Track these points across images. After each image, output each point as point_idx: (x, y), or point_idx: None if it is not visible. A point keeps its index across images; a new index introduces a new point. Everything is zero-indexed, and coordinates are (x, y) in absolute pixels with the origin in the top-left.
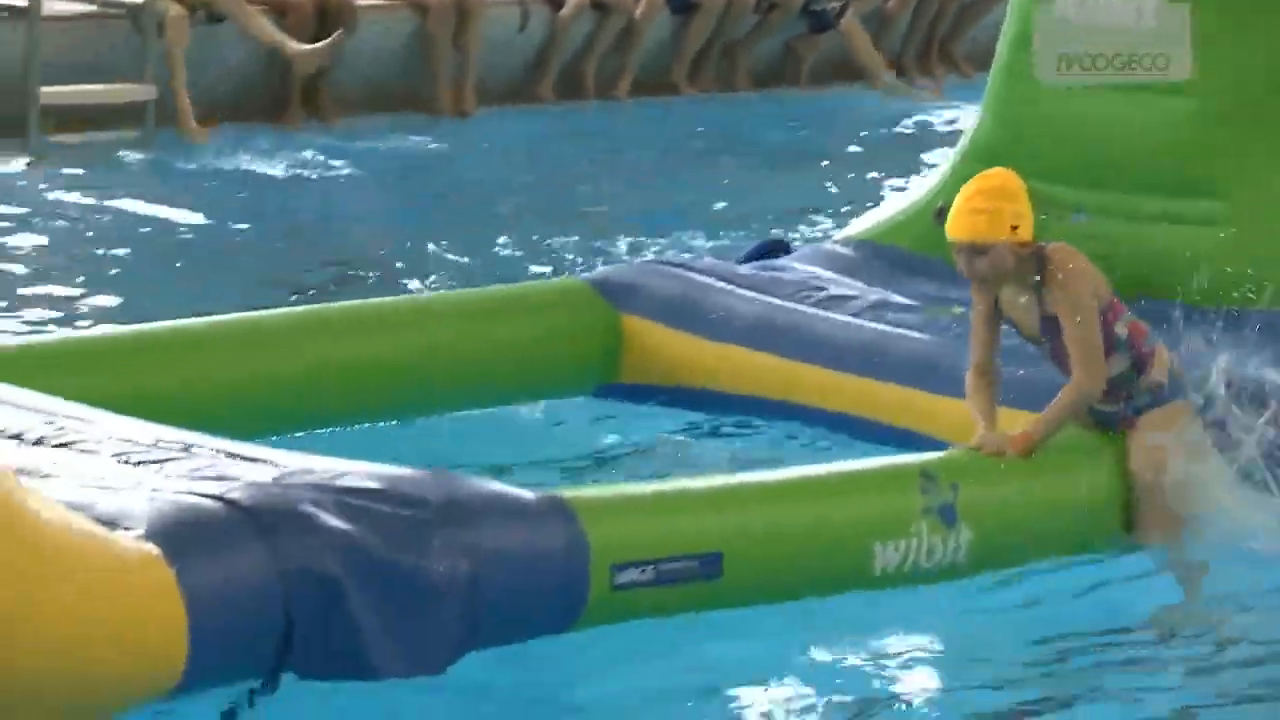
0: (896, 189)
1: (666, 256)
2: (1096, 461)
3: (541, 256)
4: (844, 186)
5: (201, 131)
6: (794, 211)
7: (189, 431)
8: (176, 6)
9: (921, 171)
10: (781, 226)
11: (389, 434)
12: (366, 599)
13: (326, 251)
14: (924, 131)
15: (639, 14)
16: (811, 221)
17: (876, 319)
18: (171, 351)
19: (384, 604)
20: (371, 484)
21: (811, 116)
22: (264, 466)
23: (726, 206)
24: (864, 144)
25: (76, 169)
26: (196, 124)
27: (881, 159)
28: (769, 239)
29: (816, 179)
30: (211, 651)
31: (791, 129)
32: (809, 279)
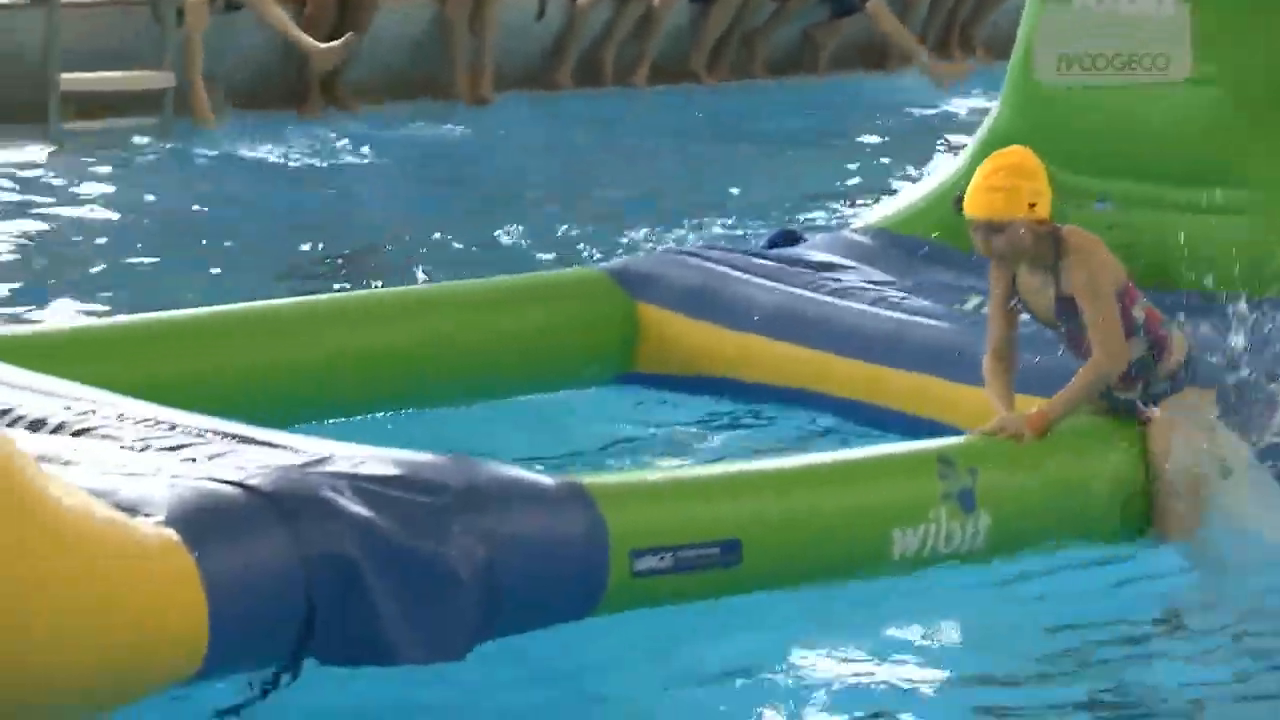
0: (915, 177)
1: (684, 245)
2: (1115, 447)
3: (559, 244)
4: (863, 174)
5: (210, 118)
6: (812, 199)
7: (209, 417)
8: None
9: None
10: (800, 214)
11: (406, 423)
12: (386, 584)
13: (343, 239)
14: (943, 119)
15: (658, 1)
16: (830, 209)
17: (894, 308)
18: (189, 339)
19: (404, 589)
20: (391, 470)
21: (830, 104)
22: (284, 452)
23: (744, 195)
24: (883, 132)
25: (95, 156)
26: (210, 111)
27: (900, 147)
28: (783, 229)
29: (835, 167)
30: (232, 637)
31: (809, 116)
32: (827, 267)
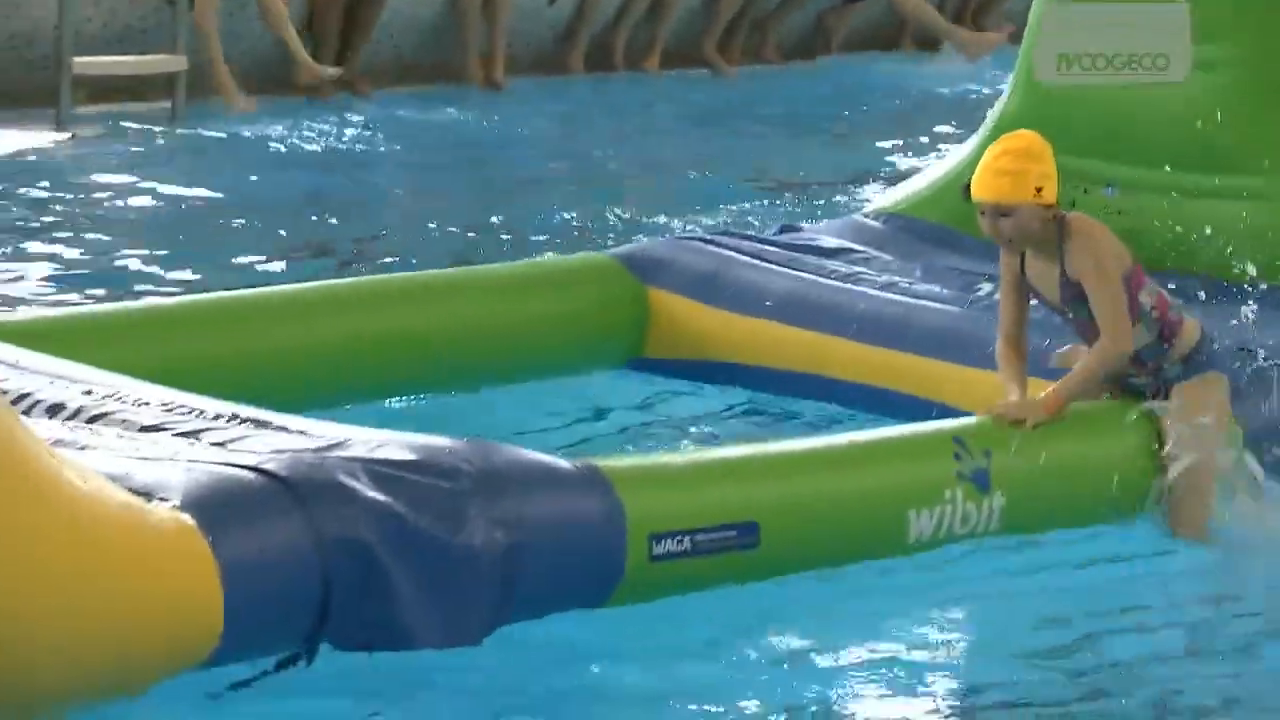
0: (926, 162)
1: (694, 230)
2: (1129, 429)
3: (570, 229)
4: (874, 159)
5: (238, 100)
6: (824, 184)
7: (225, 402)
8: None
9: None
10: (812, 199)
11: (421, 407)
12: (403, 569)
13: (356, 224)
14: (955, 103)
15: None
16: (841, 193)
17: (905, 292)
18: (203, 324)
19: (420, 574)
20: (408, 454)
21: (841, 88)
22: (300, 437)
23: (755, 179)
24: (894, 116)
25: (107, 139)
26: (237, 94)
27: (913, 131)
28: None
29: (846, 151)
30: (247, 622)
31: (821, 101)
32: (838, 252)
